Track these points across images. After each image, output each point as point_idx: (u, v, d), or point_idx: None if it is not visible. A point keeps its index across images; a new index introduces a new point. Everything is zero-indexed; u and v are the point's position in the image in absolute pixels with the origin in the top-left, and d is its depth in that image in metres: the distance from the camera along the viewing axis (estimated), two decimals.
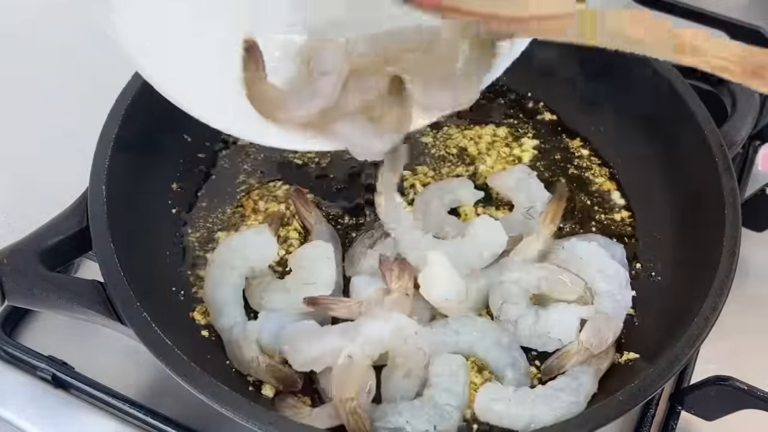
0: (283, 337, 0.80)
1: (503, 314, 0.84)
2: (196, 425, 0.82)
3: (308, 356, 0.77)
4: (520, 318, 0.83)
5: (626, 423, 0.85)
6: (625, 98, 1.01)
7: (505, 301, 0.84)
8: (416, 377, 0.79)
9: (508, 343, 0.82)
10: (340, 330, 0.79)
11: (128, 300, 0.74)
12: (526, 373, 0.82)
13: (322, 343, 0.78)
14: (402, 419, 0.76)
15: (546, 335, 0.83)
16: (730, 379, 0.79)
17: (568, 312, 0.83)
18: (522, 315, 0.83)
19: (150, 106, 0.92)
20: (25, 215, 1.02)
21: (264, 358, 0.80)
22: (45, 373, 0.85)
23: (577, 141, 1.05)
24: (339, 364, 0.76)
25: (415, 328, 0.79)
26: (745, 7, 1.33)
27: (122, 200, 0.84)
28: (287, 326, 0.81)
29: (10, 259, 0.76)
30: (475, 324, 0.83)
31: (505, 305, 0.84)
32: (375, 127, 0.80)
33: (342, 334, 0.78)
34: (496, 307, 0.85)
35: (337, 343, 0.77)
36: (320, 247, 0.87)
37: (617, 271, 0.86)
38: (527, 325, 0.83)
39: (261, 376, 0.80)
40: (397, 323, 0.78)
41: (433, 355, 0.81)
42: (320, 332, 0.79)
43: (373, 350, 0.77)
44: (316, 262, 0.85)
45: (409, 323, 0.79)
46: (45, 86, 1.19)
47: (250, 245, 0.87)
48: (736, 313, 0.82)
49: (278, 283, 0.86)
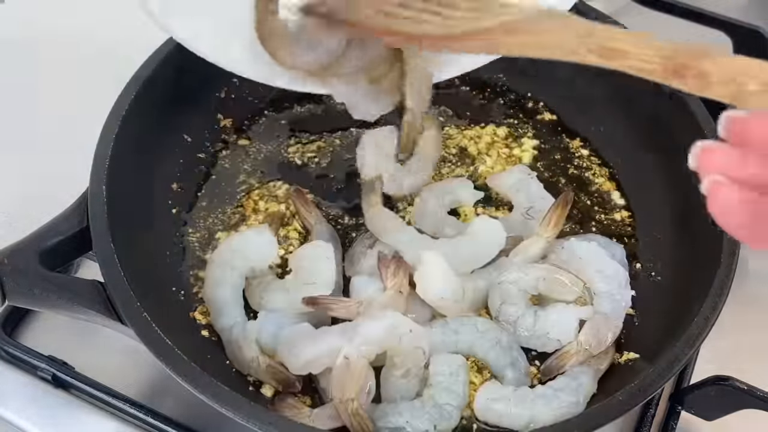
0: (279, 339, 0.80)
1: (502, 315, 0.84)
2: (196, 425, 0.82)
3: (303, 360, 0.77)
4: (519, 318, 0.83)
5: (626, 423, 0.85)
6: (625, 98, 1.01)
7: (504, 301, 0.84)
8: (415, 377, 0.79)
9: (508, 343, 0.82)
10: (338, 330, 0.79)
11: (128, 300, 0.74)
12: (526, 373, 0.82)
13: (317, 346, 0.77)
14: (402, 419, 0.76)
15: (545, 335, 0.82)
16: (730, 379, 0.79)
17: (567, 312, 0.83)
18: (521, 315, 0.83)
19: (150, 106, 0.92)
20: (26, 215, 1.02)
21: (264, 358, 0.80)
22: (45, 373, 0.85)
23: (577, 141, 1.05)
24: (337, 366, 0.76)
25: (410, 326, 0.78)
26: (745, 7, 1.33)
27: (122, 200, 0.84)
28: (284, 328, 0.81)
29: (10, 259, 0.76)
30: (474, 324, 0.83)
31: (504, 306, 0.84)
32: (374, 89, 0.80)
33: (339, 335, 0.78)
34: (495, 308, 0.85)
35: (333, 345, 0.77)
36: (320, 247, 0.86)
37: (616, 271, 0.86)
38: (526, 326, 0.83)
39: (260, 376, 0.80)
40: (391, 321, 0.78)
41: (433, 354, 0.81)
42: (315, 335, 0.79)
43: (370, 350, 0.77)
44: (316, 262, 0.85)
45: (403, 321, 0.79)
46: (45, 86, 1.19)
47: (251, 245, 0.87)
48: (735, 313, 0.82)
49: (278, 283, 0.86)
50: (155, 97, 0.93)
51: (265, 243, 0.88)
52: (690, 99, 0.92)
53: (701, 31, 1.13)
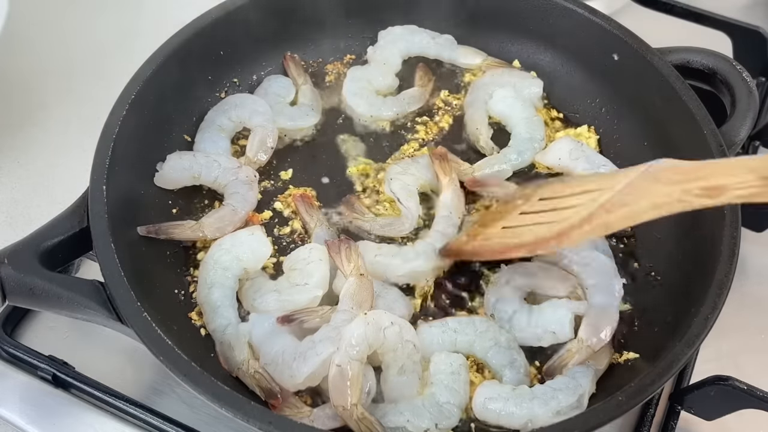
0: (268, 358, 0.79)
1: (497, 312, 0.85)
2: (196, 425, 0.82)
3: (300, 380, 0.77)
4: (515, 315, 0.84)
5: (626, 423, 0.85)
6: (625, 99, 1.01)
7: (498, 299, 0.85)
8: (412, 372, 0.79)
9: (507, 343, 0.83)
10: (324, 338, 0.77)
11: (128, 300, 0.74)
12: (526, 373, 0.82)
13: (310, 363, 0.76)
14: (403, 418, 0.76)
15: (540, 329, 0.83)
16: (730, 379, 0.79)
17: (561, 307, 0.84)
18: (515, 311, 0.84)
19: (150, 106, 0.92)
20: (25, 215, 1.03)
21: (254, 362, 0.79)
22: (45, 373, 0.85)
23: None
24: (331, 376, 0.75)
25: (389, 318, 0.78)
26: (745, 7, 1.33)
27: (122, 200, 0.84)
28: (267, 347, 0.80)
29: (10, 259, 0.76)
30: (473, 323, 0.84)
31: (499, 303, 0.85)
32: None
33: (327, 344, 0.77)
34: (489, 306, 0.86)
35: (324, 356, 0.76)
36: (314, 250, 0.87)
37: (601, 262, 0.87)
38: (521, 322, 0.84)
39: (246, 379, 0.79)
40: (371, 317, 0.78)
41: (433, 353, 0.81)
42: (304, 351, 0.77)
43: (360, 352, 0.76)
44: (310, 264, 0.85)
45: (381, 315, 0.78)
46: (45, 87, 1.19)
47: (243, 246, 0.87)
48: (736, 313, 0.82)
49: (270, 285, 0.86)
50: (155, 97, 0.93)
51: (257, 243, 0.87)
52: (690, 99, 0.92)
53: (701, 31, 1.13)
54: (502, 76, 1.06)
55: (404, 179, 0.94)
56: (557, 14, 1.04)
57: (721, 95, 0.95)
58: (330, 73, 1.09)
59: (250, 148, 0.98)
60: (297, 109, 1.03)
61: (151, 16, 1.29)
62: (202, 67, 1.01)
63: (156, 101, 0.93)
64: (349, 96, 1.04)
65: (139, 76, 0.92)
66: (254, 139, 0.98)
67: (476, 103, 1.04)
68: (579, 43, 1.04)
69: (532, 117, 1.02)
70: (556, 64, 1.08)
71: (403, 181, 0.94)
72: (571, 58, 1.06)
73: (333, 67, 1.10)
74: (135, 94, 0.90)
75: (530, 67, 1.08)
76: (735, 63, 0.94)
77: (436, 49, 1.09)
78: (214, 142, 0.97)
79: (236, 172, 0.93)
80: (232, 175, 0.93)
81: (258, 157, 0.97)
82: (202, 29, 0.98)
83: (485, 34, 1.10)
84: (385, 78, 1.06)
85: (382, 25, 1.09)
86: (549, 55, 1.08)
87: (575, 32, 1.04)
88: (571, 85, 1.06)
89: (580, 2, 1.03)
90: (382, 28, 1.09)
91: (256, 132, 0.99)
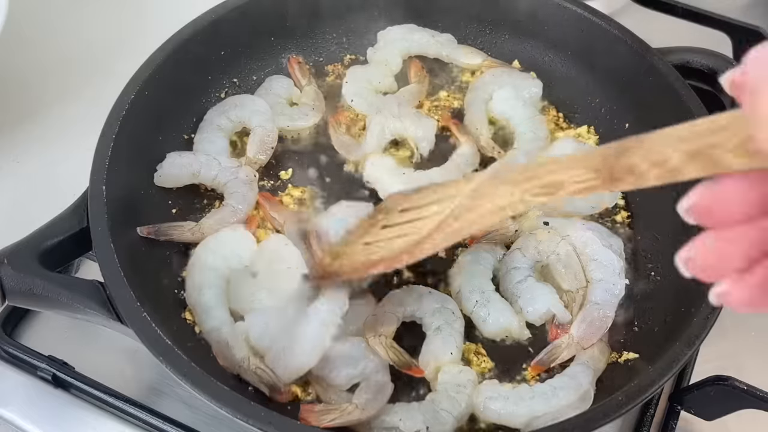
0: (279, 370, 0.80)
1: (511, 256, 0.89)
2: (196, 425, 0.82)
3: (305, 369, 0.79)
4: (515, 270, 0.87)
5: (626, 423, 0.85)
6: (625, 99, 1.01)
7: (521, 257, 0.89)
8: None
9: (444, 308, 0.85)
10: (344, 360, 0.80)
11: (128, 300, 0.74)
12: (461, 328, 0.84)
13: (356, 368, 0.79)
14: (396, 417, 0.76)
15: (519, 297, 0.85)
16: (730, 379, 0.79)
17: (549, 298, 0.85)
18: (521, 280, 0.86)
19: (150, 106, 0.92)
20: (25, 215, 1.02)
21: (255, 360, 0.79)
22: (45, 373, 0.85)
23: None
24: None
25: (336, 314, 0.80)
26: (745, 7, 1.33)
27: (122, 200, 0.84)
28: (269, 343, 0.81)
29: (10, 259, 0.76)
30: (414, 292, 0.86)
31: (516, 257, 0.89)
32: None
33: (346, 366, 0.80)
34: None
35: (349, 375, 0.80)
36: (275, 238, 0.88)
37: (611, 260, 0.87)
38: (514, 283, 0.86)
39: (248, 377, 0.79)
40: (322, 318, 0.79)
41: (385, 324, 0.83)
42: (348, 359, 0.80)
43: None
44: (280, 251, 0.86)
45: (327, 315, 0.79)
46: (44, 86, 1.19)
47: (227, 244, 0.87)
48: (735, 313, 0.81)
49: (255, 284, 0.86)
50: (155, 97, 0.93)
51: (240, 239, 0.87)
52: (690, 99, 0.92)
53: (701, 31, 1.13)
54: (502, 76, 1.06)
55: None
56: (557, 14, 1.04)
57: (722, 95, 0.95)
58: (330, 73, 1.10)
59: (250, 148, 0.98)
60: (297, 109, 1.03)
61: (151, 16, 1.29)
62: (202, 67, 1.01)
63: (156, 101, 0.93)
64: (349, 96, 1.04)
65: (138, 76, 0.92)
66: (254, 139, 0.98)
67: (476, 103, 1.04)
68: (579, 43, 1.04)
69: (534, 116, 1.02)
70: (556, 64, 1.08)
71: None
72: (571, 58, 1.06)
73: (333, 67, 1.10)
74: (135, 93, 0.90)
75: (530, 67, 1.08)
76: (735, 63, 0.94)
77: (437, 48, 1.09)
78: (214, 142, 0.97)
79: (236, 172, 0.93)
80: (231, 174, 0.93)
81: (258, 157, 0.97)
82: (202, 29, 0.98)
83: (485, 34, 1.11)
84: (386, 78, 1.06)
85: (381, 25, 1.10)
86: (549, 55, 1.08)
87: (575, 32, 1.04)
88: (571, 85, 1.06)
89: (580, 2, 1.04)
90: (382, 28, 1.09)
91: (256, 132, 0.99)
